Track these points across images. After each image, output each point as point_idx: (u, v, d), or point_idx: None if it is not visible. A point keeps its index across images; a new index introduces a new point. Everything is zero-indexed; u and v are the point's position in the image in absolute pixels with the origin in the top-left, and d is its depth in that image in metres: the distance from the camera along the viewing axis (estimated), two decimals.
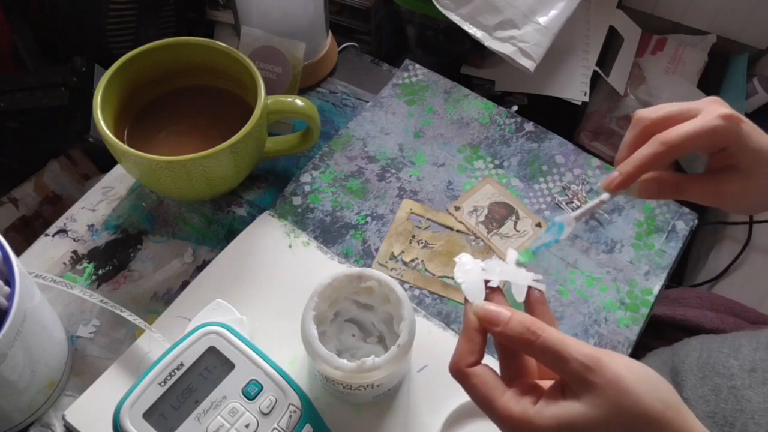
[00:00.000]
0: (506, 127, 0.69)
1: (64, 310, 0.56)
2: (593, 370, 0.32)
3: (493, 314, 0.36)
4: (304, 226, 0.62)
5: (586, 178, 0.66)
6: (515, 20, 0.80)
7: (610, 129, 1.02)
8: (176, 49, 0.60)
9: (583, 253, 0.61)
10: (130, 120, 0.61)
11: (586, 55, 0.97)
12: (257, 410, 0.46)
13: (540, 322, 0.35)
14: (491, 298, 0.38)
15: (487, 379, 0.35)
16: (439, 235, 0.62)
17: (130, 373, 0.52)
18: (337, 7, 0.93)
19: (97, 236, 0.61)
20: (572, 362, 0.33)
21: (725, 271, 0.97)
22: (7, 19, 0.82)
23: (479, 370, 0.36)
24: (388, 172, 0.66)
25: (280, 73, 0.67)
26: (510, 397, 0.34)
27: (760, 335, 0.57)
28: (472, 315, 0.37)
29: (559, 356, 0.33)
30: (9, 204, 0.78)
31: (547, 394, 0.34)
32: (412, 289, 0.59)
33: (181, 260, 0.59)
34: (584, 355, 0.33)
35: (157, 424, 0.45)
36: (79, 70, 0.78)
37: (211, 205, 0.63)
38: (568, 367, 0.33)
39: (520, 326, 0.35)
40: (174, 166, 0.53)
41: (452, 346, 0.54)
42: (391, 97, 0.71)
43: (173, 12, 0.89)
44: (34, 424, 0.51)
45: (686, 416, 0.33)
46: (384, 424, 0.51)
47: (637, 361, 0.34)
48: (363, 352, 0.51)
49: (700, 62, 1.06)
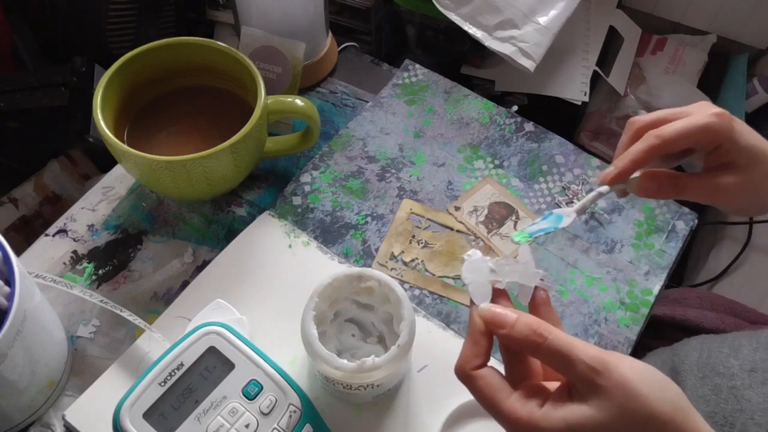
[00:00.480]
0: (506, 127, 0.69)
1: (64, 310, 0.56)
2: (601, 372, 0.32)
3: (499, 317, 0.36)
4: (304, 226, 0.62)
5: (586, 178, 0.66)
6: (515, 20, 0.80)
7: (610, 129, 1.02)
8: (176, 49, 0.60)
9: (583, 253, 0.61)
10: (130, 120, 0.61)
11: (586, 55, 0.97)
12: (257, 410, 0.46)
13: (546, 324, 0.35)
14: (497, 300, 0.38)
15: (493, 382, 0.35)
16: (439, 235, 0.62)
17: (130, 373, 0.52)
18: (337, 7, 0.93)
19: (97, 236, 0.61)
20: (579, 365, 0.33)
21: (725, 271, 0.97)
22: (7, 19, 0.82)
23: (485, 372, 0.36)
24: (388, 172, 0.66)
25: (280, 73, 0.67)
26: (516, 400, 0.34)
27: (760, 335, 0.57)
28: (477, 318, 0.37)
29: (566, 359, 0.33)
30: (9, 204, 0.78)
31: (554, 396, 0.34)
32: (412, 289, 0.59)
33: (181, 260, 0.59)
34: (591, 357, 0.33)
35: (157, 424, 0.45)
36: (79, 70, 0.78)
37: (211, 205, 0.63)
38: (576, 369, 0.33)
39: (526, 329, 0.35)
40: (174, 166, 0.53)
41: (452, 346, 0.55)
42: (391, 97, 0.71)
43: (173, 12, 0.89)
44: (34, 424, 0.51)
45: (694, 418, 0.33)
46: (384, 424, 0.51)
47: (645, 363, 0.34)
48: (363, 352, 0.51)
49: (700, 62, 1.06)
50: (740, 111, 1.01)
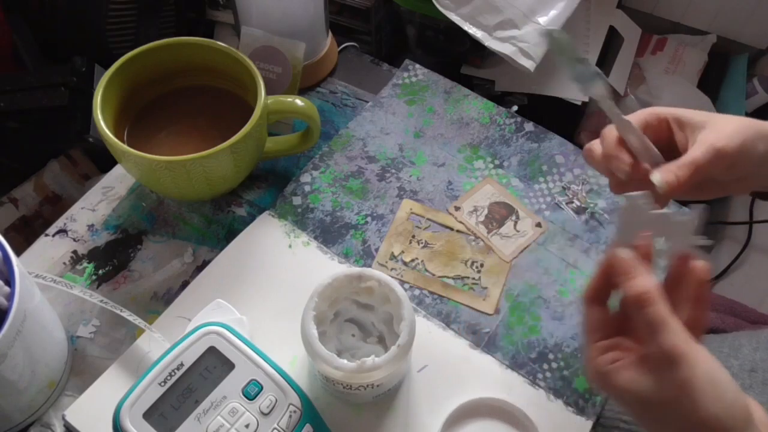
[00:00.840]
0: (506, 127, 0.69)
1: (64, 310, 0.56)
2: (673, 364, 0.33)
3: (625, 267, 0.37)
4: (304, 226, 0.62)
5: (586, 178, 0.66)
6: (515, 20, 0.80)
7: None
8: (176, 49, 0.60)
9: (583, 253, 0.61)
10: (130, 120, 0.61)
11: (586, 55, 0.97)
12: (257, 410, 0.46)
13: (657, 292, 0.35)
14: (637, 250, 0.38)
15: (592, 320, 0.39)
16: (439, 235, 0.62)
17: (130, 373, 0.52)
18: (337, 7, 0.93)
19: (97, 236, 0.61)
20: (661, 346, 0.34)
21: (725, 271, 0.97)
22: (7, 19, 0.82)
23: (594, 310, 0.39)
24: (388, 172, 0.66)
25: (280, 73, 0.67)
26: (599, 347, 0.37)
27: (760, 335, 0.57)
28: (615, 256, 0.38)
29: (654, 335, 0.34)
30: (9, 204, 0.78)
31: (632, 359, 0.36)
32: (412, 289, 0.59)
33: (181, 260, 0.59)
34: (672, 346, 0.34)
35: (157, 424, 0.45)
36: (79, 70, 0.78)
37: (211, 205, 0.63)
38: (656, 349, 0.34)
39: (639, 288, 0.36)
40: (174, 166, 0.53)
41: (452, 346, 0.55)
42: (391, 97, 0.71)
43: (173, 12, 0.89)
44: (34, 424, 0.51)
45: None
46: (384, 424, 0.51)
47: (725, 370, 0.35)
48: (363, 352, 0.51)
49: (700, 62, 1.06)
50: (740, 111, 1.01)
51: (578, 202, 0.64)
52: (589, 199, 0.64)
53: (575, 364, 0.55)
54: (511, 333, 0.56)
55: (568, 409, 0.53)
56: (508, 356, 0.55)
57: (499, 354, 0.55)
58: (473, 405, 0.52)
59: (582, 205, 0.64)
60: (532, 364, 0.55)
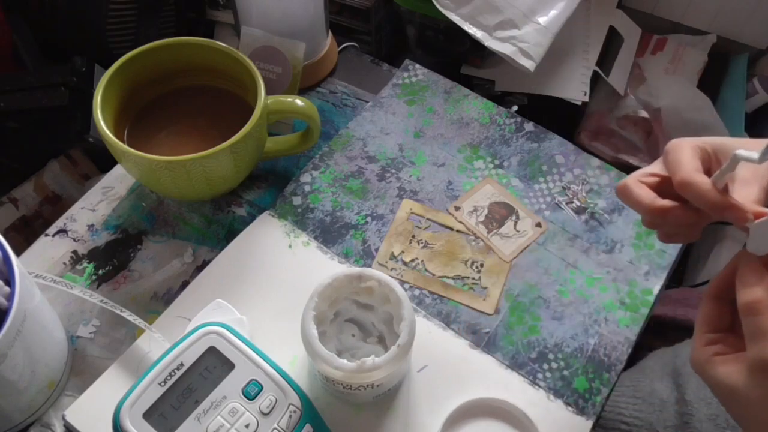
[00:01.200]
0: (506, 127, 0.69)
1: (64, 310, 0.56)
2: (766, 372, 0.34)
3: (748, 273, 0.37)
4: (304, 226, 0.62)
5: (586, 178, 0.66)
6: (515, 20, 0.80)
7: (610, 129, 1.02)
8: (176, 49, 0.60)
9: (583, 253, 0.61)
10: (130, 120, 0.61)
11: (586, 55, 0.97)
12: (257, 410, 0.46)
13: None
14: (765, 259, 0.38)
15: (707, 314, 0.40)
16: (439, 235, 0.62)
17: (130, 373, 0.52)
18: (337, 7, 0.93)
19: (97, 236, 0.61)
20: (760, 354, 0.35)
21: None
22: (7, 19, 0.82)
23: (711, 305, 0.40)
24: (388, 172, 0.66)
25: (280, 73, 0.67)
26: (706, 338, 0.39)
27: None
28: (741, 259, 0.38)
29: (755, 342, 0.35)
30: (9, 204, 0.78)
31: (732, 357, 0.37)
32: (412, 289, 0.59)
33: (181, 260, 0.59)
34: None
35: (157, 424, 0.45)
36: (79, 70, 0.78)
37: (211, 205, 0.63)
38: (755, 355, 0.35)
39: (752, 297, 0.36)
40: (174, 166, 0.53)
41: (452, 346, 0.55)
42: (391, 97, 0.71)
43: (173, 12, 0.89)
44: (34, 424, 0.51)
45: None
46: (384, 424, 0.51)
47: None
48: (363, 352, 0.51)
49: (700, 62, 1.06)
50: (740, 111, 1.01)
51: (578, 202, 0.64)
52: (589, 199, 0.64)
53: (575, 364, 0.55)
54: (511, 333, 0.56)
55: (568, 409, 0.53)
56: (508, 356, 0.55)
57: (499, 354, 0.55)
58: (473, 405, 0.52)
59: (582, 205, 0.64)
60: (532, 364, 0.55)
